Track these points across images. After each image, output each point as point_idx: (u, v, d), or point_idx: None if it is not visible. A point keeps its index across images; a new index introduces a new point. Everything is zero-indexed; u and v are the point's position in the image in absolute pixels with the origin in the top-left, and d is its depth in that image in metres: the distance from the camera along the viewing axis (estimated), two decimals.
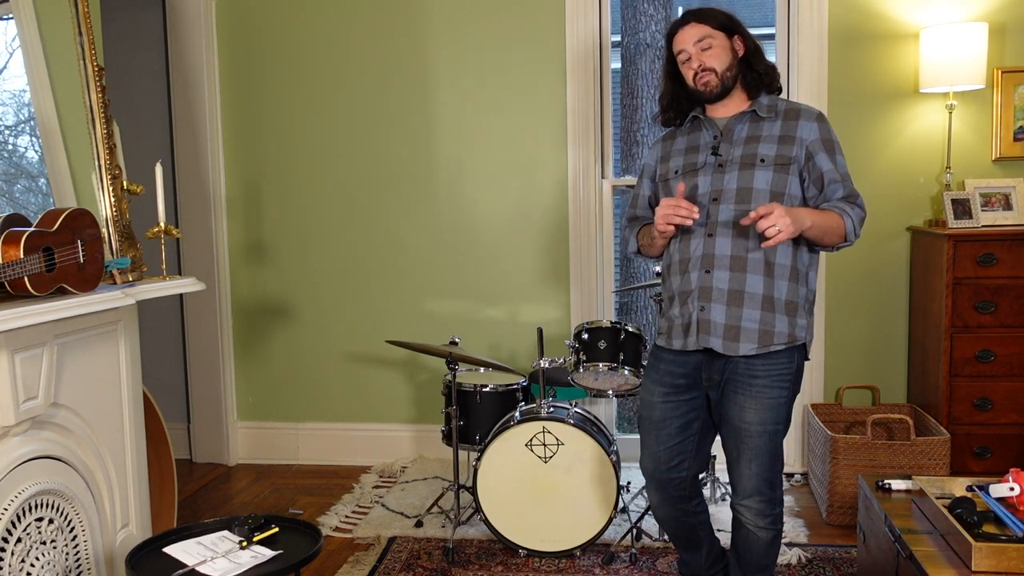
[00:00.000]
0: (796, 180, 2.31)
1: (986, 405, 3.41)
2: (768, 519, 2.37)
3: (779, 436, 2.34)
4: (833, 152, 2.33)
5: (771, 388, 2.30)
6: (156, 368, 4.06)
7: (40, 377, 2.19)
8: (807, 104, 2.42)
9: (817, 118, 2.34)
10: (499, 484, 3.08)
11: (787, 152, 2.30)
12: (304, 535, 2.25)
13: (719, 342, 2.30)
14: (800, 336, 2.32)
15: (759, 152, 2.31)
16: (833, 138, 2.34)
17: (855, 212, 2.29)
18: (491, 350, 4.06)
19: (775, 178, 2.29)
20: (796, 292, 2.31)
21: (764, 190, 2.28)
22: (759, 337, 2.28)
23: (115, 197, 2.61)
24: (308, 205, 4.16)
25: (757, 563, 2.43)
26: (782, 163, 2.29)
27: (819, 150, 2.31)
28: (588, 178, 3.93)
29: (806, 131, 2.32)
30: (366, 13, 4.03)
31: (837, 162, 2.32)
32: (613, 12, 4.05)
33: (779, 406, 2.32)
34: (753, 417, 2.31)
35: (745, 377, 2.31)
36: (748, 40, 2.38)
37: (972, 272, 3.37)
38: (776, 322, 2.28)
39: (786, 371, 2.32)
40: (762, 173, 2.29)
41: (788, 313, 2.29)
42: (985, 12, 3.61)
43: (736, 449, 2.36)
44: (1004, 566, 2.04)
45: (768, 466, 2.34)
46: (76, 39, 2.57)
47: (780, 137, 2.32)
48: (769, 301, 2.28)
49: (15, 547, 2.12)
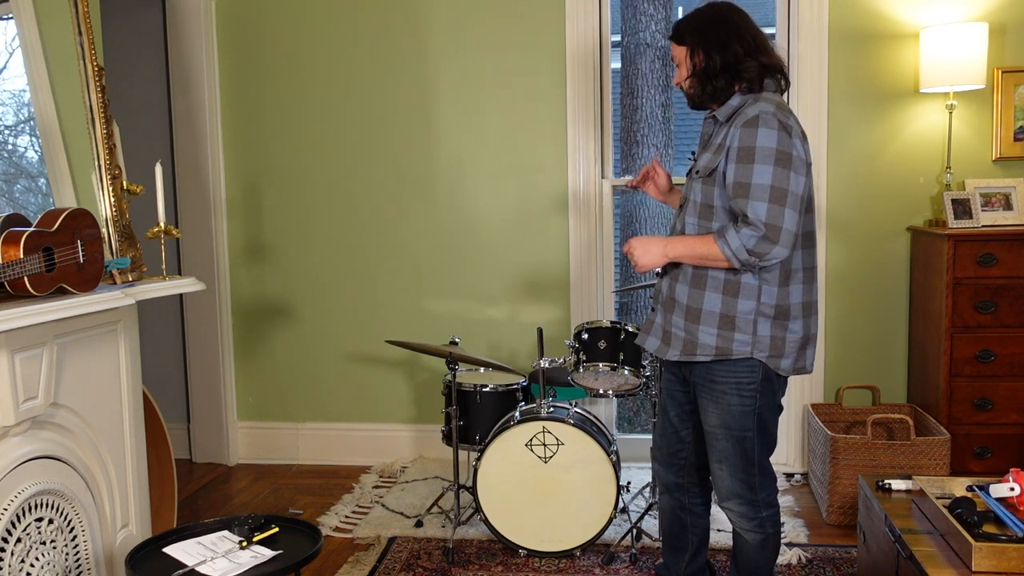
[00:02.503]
0: (723, 191, 2.24)
1: (986, 405, 3.41)
2: (753, 522, 2.36)
3: (749, 443, 2.30)
4: (749, 161, 2.15)
5: (729, 395, 2.28)
6: (156, 368, 4.06)
7: (40, 377, 2.19)
8: (766, 103, 2.20)
9: (747, 122, 2.17)
10: (499, 484, 3.08)
11: (714, 164, 2.25)
12: (304, 535, 2.24)
13: (655, 343, 2.39)
14: (739, 351, 2.24)
15: (699, 163, 2.33)
16: (755, 144, 2.14)
17: (741, 234, 2.13)
18: (491, 350, 4.06)
19: (704, 190, 2.28)
20: (734, 306, 2.24)
21: (697, 202, 2.30)
22: (683, 345, 2.31)
23: (115, 197, 2.61)
24: (308, 205, 4.16)
25: (749, 566, 2.42)
26: (708, 174, 2.27)
27: (732, 159, 2.19)
28: (588, 178, 3.93)
29: (732, 138, 2.20)
30: (366, 13, 4.03)
31: (749, 172, 2.14)
32: (613, 12, 4.05)
33: (743, 414, 2.28)
34: (715, 420, 2.32)
35: (705, 381, 2.33)
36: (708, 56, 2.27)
37: (972, 272, 3.37)
38: (699, 334, 2.27)
39: (746, 381, 2.27)
40: (697, 185, 2.31)
41: (721, 327, 2.25)
42: (985, 12, 3.61)
43: (708, 451, 2.40)
44: (1004, 566, 2.04)
45: (741, 468, 2.32)
46: (76, 39, 2.57)
47: (717, 146, 2.26)
48: (695, 312, 2.28)
49: (15, 547, 2.12)
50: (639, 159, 5.83)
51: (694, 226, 2.30)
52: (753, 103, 2.22)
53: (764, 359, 2.25)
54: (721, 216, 2.25)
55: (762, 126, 2.15)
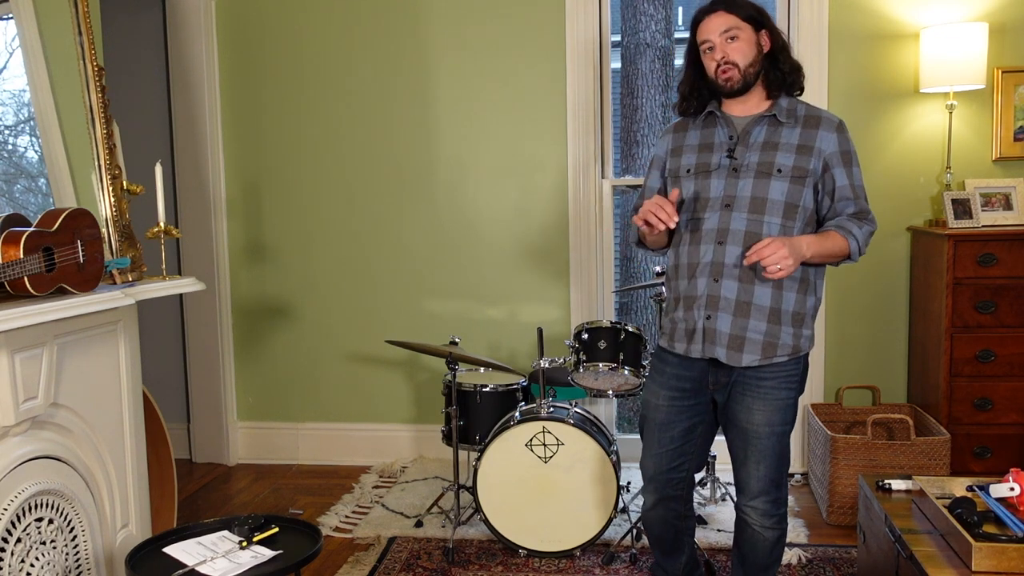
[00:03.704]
0: (811, 192, 2.27)
1: (986, 405, 3.41)
2: (774, 519, 2.37)
3: (786, 437, 2.35)
4: (850, 165, 2.28)
5: (779, 390, 2.30)
6: (156, 368, 4.06)
7: (40, 377, 2.19)
8: (827, 111, 2.34)
9: (837, 128, 2.28)
10: (499, 484, 3.08)
11: (804, 163, 2.25)
12: (304, 535, 2.24)
13: (723, 352, 2.28)
14: (804, 347, 2.31)
15: (776, 161, 2.25)
16: (851, 149, 2.29)
17: (863, 230, 2.27)
18: (491, 350, 4.06)
19: (791, 190, 2.24)
20: (804, 303, 2.29)
21: (779, 201, 2.24)
22: (763, 348, 2.27)
23: (115, 197, 2.61)
24: (308, 205, 4.16)
25: (761, 563, 2.43)
26: (799, 175, 2.24)
27: (836, 163, 2.26)
28: (588, 178, 3.92)
29: (825, 142, 2.26)
30: (366, 14, 4.03)
31: (853, 175, 2.28)
32: (613, 12, 4.05)
33: (787, 407, 2.32)
34: (761, 419, 2.30)
35: (753, 380, 2.30)
36: (776, 36, 2.30)
37: (972, 272, 3.37)
38: (781, 334, 2.27)
39: (793, 373, 2.32)
40: (778, 183, 2.24)
41: (794, 325, 2.28)
42: (985, 12, 3.61)
43: (744, 451, 2.35)
44: (1004, 566, 2.04)
45: (775, 467, 2.34)
46: (76, 39, 2.57)
47: (798, 146, 2.26)
48: (776, 313, 2.26)
49: (15, 547, 2.12)
50: (639, 159, 5.83)
51: (778, 226, 2.24)
52: (807, 105, 2.33)
53: (810, 350, 2.36)
54: (803, 216, 2.26)
55: (847, 132, 2.31)
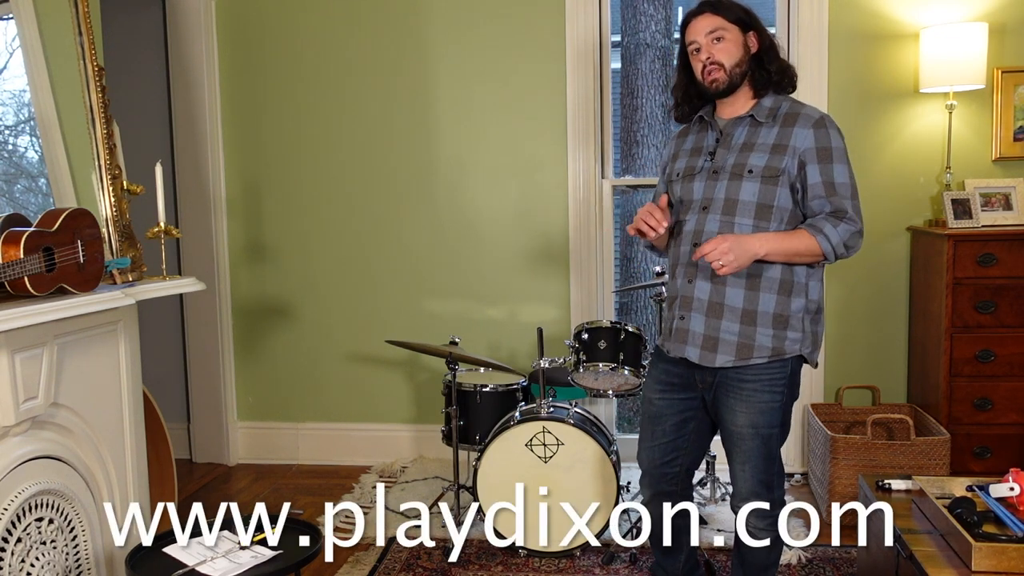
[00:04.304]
0: (787, 191, 2.24)
1: (986, 405, 3.41)
2: (767, 521, 2.35)
3: (774, 440, 2.32)
4: (828, 161, 2.22)
5: (761, 392, 2.28)
6: (156, 368, 4.05)
7: (40, 377, 2.19)
8: (813, 107, 2.31)
9: (815, 124, 2.24)
10: (499, 484, 3.08)
11: (777, 163, 2.23)
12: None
13: (696, 352, 2.30)
14: (791, 349, 2.27)
15: (748, 162, 2.25)
16: (831, 145, 2.23)
17: (838, 229, 2.20)
18: (491, 350, 4.06)
19: (762, 190, 2.23)
20: (787, 305, 2.26)
21: (750, 202, 2.24)
22: (737, 350, 2.26)
23: (115, 197, 2.61)
24: (308, 205, 4.16)
25: (759, 563, 2.43)
26: (770, 175, 2.23)
27: (811, 159, 2.22)
28: (588, 178, 3.92)
29: (800, 139, 2.23)
30: (366, 14, 4.03)
31: (832, 172, 2.22)
32: (613, 12, 4.05)
33: (771, 410, 2.29)
34: (743, 420, 2.30)
35: (735, 381, 2.29)
36: (763, 37, 2.31)
37: (972, 272, 3.37)
38: (757, 336, 2.25)
39: (778, 376, 2.28)
40: (749, 184, 2.24)
41: (776, 326, 2.26)
42: (985, 12, 3.61)
43: (730, 452, 2.37)
44: (1004, 566, 2.04)
45: (763, 469, 2.32)
46: (76, 39, 2.57)
47: (773, 146, 2.25)
48: (750, 315, 2.25)
49: (15, 547, 2.12)
50: (639, 159, 5.83)
51: (749, 227, 2.23)
52: (792, 103, 2.30)
53: (807, 354, 2.31)
54: (779, 216, 2.24)
55: (830, 127, 2.25)
